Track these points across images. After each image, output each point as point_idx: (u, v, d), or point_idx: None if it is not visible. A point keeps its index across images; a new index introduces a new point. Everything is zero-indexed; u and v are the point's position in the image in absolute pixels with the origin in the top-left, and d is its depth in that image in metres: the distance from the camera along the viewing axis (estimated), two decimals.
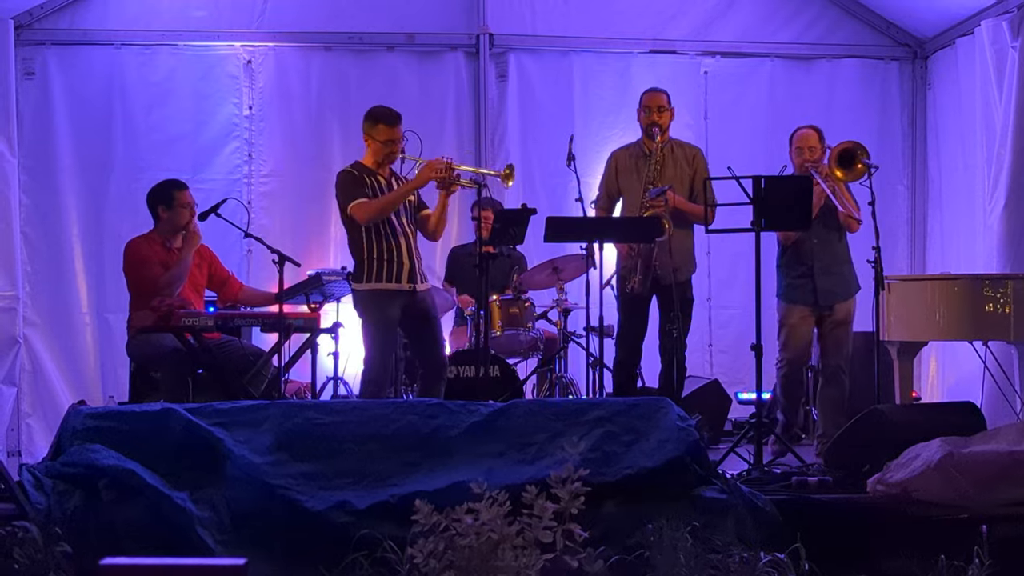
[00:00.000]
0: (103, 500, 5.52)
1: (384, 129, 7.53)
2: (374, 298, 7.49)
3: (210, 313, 7.77)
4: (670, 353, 8.01)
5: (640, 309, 8.09)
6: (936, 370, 10.17)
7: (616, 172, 8.24)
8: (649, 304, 8.12)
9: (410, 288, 7.49)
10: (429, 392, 7.53)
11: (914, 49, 10.79)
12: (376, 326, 7.50)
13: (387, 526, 5.36)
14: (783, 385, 8.18)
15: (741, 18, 10.72)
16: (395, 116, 7.56)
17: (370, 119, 7.57)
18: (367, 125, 7.56)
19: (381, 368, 7.51)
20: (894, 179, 10.65)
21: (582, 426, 6.05)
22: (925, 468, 5.99)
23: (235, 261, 9.31)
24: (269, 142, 10.28)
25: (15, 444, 9.65)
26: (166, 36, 10.17)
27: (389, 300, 7.48)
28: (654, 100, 8.16)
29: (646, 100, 8.19)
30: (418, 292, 7.55)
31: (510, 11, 10.53)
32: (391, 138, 7.53)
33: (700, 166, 8.14)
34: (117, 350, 9.37)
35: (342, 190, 7.53)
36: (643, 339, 8.22)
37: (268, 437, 5.86)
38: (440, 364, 7.66)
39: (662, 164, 8.03)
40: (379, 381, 7.50)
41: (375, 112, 7.59)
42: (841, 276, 8.19)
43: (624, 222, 8.20)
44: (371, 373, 7.48)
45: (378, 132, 7.53)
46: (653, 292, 8.03)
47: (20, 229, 9.70)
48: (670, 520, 5.29)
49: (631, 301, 8.04)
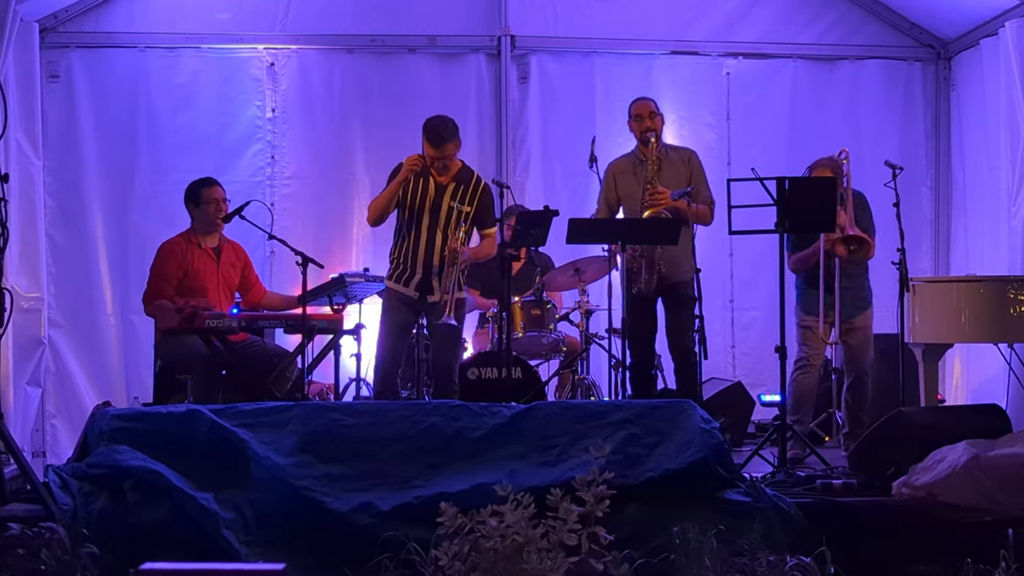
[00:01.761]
0: (129, 501, 5.56)
1: (428, 147, 7.67)
2: (386, 296, 7.75)
3: (234, 315, 7.80)
4: (681, 353, 8.04)
5: (645, 309, 8.12)
6: (961, 372, 10.12)
7: (615, 183, 8.30)
8: (655, 304, 8.14)
9: (416, 296, 7.51)
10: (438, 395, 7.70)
11: (937, 50, 10.75)
12: (384, 325, 7.71)
13: (411, 528, 5.39)
14: (793, 383, 8.15)
15: (763, 19, 10.69)
16: (437, 136, 7.65)
17: (423, 131, 7.73)
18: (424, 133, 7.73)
19: (386, 368, 7.62)
20: (918, 180, 10.60)
21: (605, 428, 6.07)
22: (951, 471, 5.97)
23: (258, 263, 9.29)
24: (292, 144, 10.30)
25: (40, 445, 9.68)
26: (190, 39, 10.19)
27: (399, 303, 7.60)
28: (644, 108, 8.22)
29: (636, 110, 8.26)
30: (429, 301, 7.61)
31: (532, 13, 10.51)
32: (433, 155, 7.66)
33: (696, 167, 8.18)
34: (141, 351, 9.40)
35: None
36: (653, 337, 8.24)
37: (292, 438, 5.89)
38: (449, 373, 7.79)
39: (659, 167, 8.05)
40: (384, 380, 7.62)
41: (426, 125, 7.73)
42: (860, 291, 8.24)
43: (646, 223, 8.19)
44: (378, 372, 7.67)
45: (425, 146, 7.70)
46: (658, 292, 8.06)
47: (45, 231, 9.73)
48: (695, 523, 5.29)
49: (637, 301, 8.05)
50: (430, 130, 7.66)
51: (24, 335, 9.23)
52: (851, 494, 6.27)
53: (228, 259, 8.27)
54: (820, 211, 7.34)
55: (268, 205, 9.22)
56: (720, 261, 10.08)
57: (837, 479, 6.46)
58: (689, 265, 8.06)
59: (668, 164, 8.16)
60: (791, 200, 7.20)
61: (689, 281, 8.08)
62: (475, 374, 8.49)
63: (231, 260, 8.30)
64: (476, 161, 10.29)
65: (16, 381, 9.01)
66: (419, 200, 7.67)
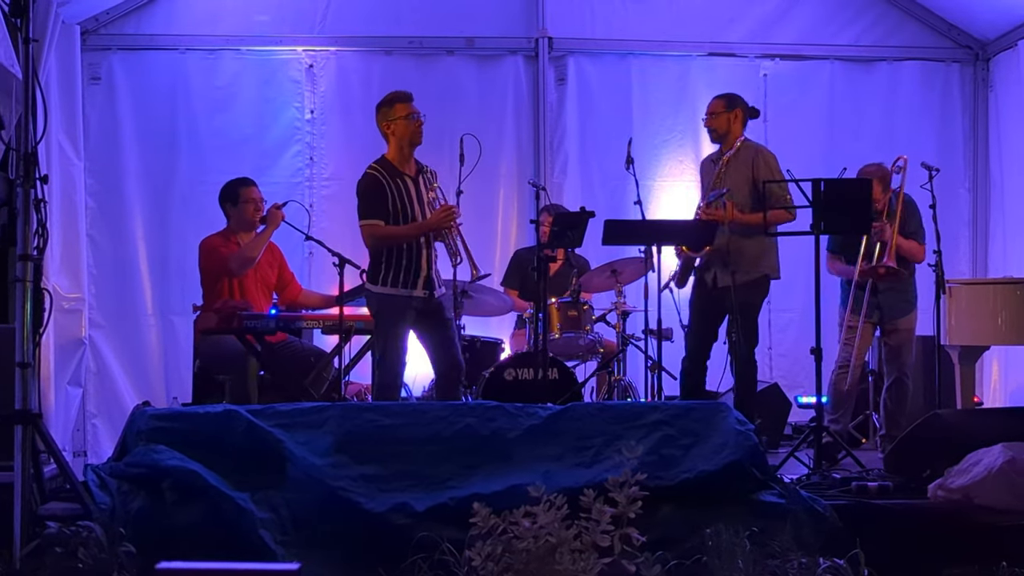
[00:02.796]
0: (166, 501, 5.60)
1: (402, 106, 7.53)
2: (388, 303, 7.47)
3: (272, 315, 7.86)
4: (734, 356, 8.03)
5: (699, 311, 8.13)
6: (998, 374, 10.07)
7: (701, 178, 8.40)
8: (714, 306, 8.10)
9: (425, 295, 7.53)
10: (447, 396, 7.54)
11: (975, 51, 10.69)
12: (388, 332, 7.49)
13: (445, 528, 5.41)
14: (833, 385, 8.15)
15: (800, 21, 10.66)
16: (406, 94, 7.57)
17: (384, 105, 7.57)
18: (383, 113, 7.56)
19: (393, 375, 7.51)
20: (955, 182, 10.54)
21: (640, 429, 6.08)
22: (987, 474, 5.96)
23: (296, 263, 9.36)
24: (330, 146, 10.34)
25: (81, 444, 9.76)
26: (230, 41, 10.25)
27: (403, 306, 7.46)
28: (709, 106, 8.20)
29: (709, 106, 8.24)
30: (434, 298, 7.58)
31: (569, 14, 10.52)
32: (412, 112, 7.53)
33: (759, 164, 8.06)
34: (181, 351, 9.47)
35: (362, 198, 7.53)
36: (705, 341, 8.18)
37: (328, 439, 5.93)
38: (458, 367, 7.64)
39: (725, 168, 8.05)
40: (393, 386, 7.52)
41: (387, 97, 7.60)
42: (905, 294, 8.23)
43: (679, 225, 8.23)
44: (385, 378, 7.48)
45: (397, 111, 7.52)
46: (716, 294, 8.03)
47: (86, 232, 9.81)
48: (728, 524, 5.30)
49: (693, 303, 8.14)
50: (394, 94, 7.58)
51: (65, 335, 9.31)
52: (886, 496, 6.25)
53: (265, 259, 8.34)
54: (856, 213, 7.33)
55: (306, 206, 9.27)
56: None
57: (872, 481, 6.45)
58: (753, 269, 8.00)
59: (735, 163, 8.08)
60: (827, 202, 7.20)
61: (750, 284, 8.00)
62: (511, 375, 8.50)
63: (268, 260, 8.38)
64: (514, 163, 10.38)
65: (57, 381, 9.08)
66: (406, 201, 7.52)
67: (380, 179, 7.47)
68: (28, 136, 5.44)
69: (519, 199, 10.37)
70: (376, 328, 7.57)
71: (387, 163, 7.56)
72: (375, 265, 7.51)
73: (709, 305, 8.08)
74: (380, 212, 7.44)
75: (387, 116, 7.53)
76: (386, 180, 7.47)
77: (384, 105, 7.56)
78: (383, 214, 7.44)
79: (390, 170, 7.51)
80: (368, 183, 7.50)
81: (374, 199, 7.46)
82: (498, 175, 10.31)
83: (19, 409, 5.31)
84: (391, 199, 7.44)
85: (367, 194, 7.49)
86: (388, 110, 7.53)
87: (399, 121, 7.51)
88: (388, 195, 7.44)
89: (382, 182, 7.46)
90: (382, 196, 7.44)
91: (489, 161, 8.49)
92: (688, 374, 8.16)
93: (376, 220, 7.43)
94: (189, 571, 3.10)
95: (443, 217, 7.46)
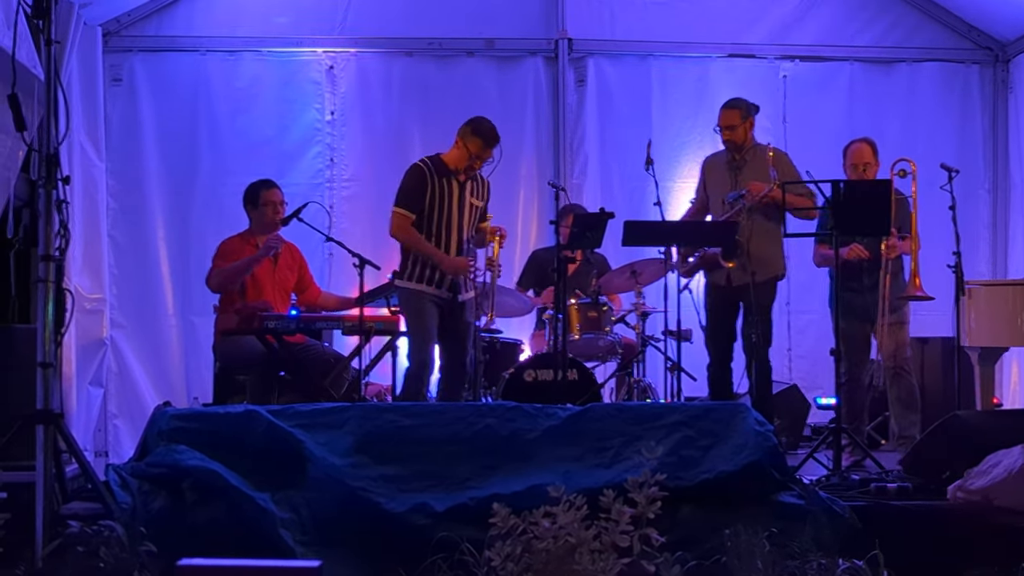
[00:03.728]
0: (187, 500, 5.62)
1: (478, 145, 7.67)
2: (415, 298, 7.65)
3: (292, 316, 7.89)
4: (750, 356, 8.04)
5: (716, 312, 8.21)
6: (1018, 376, 10.05)
7: (705, 178, 8.42)
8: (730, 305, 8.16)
9: (449, 296, 7.62)
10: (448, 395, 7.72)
11: (995, 52, 10.67)
12: (416, 327, 7.65)
13: (465, 528, 5.42)
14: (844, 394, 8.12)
15: (820, 22, 10.66)
16: (494, 138, 7.72)
17: (472, 128, 7.73)
18: (466, 130, 7.73)
19: (422, 367, 7.61)
20: (975, 183, 10.52)
21: (659, 430, 6.08)
22: (1007, 475, 5.95)
23: (317, 264, 9.40)
24: (351, 147, 10.37)
25: (102, 444, 9.79)
26: (250, 42, 10.29)
27: (429, 303, 7.62)
28: (723, 120, 8.26)
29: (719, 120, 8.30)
30: (459, 300, 7.68)
31: (589, 16, 10.54)
32: (479, 155, 7.68)
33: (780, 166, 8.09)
34: (202, 352, 9.51)
35: (402, 186, 7.74)
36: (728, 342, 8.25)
37: (349, 439, 5.95)
38: (463, 370, 7.81)
39: (741, 171, 8.11)
40: (420, 377, 7.63)
41: (480, 126, 7.74)
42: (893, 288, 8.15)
43: (699, 226, 8.25)
44: (413, 367, 7.61)
45: (472, 143, 7.68)
46: (731, 292, 8.07)
47: (108, 232, 9.86)
48: (747, 525, 5.30)
49: (709, 306, 8.20)
50: (487, 131, 7.70)
51: (87, 336, 9.38)
52: (905, 498, 6.25)
53: (285, 261, 8.38)
54: (874, 214, 7.32)
55: (327, 207, 9.28)
56: None
57: (891, 483, 6.45)
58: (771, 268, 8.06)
59: (750, 164, 8.17)
60: (845, 203, 7.19)
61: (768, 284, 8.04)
62: (531, 376, 8.51)
63: (288, 262, 8.41)
64: (534, 164, 10.39)
65: (79, 381, 9.15)
66: (447, 201, 7.70)
67: (425, 173, 7.66)
68: (50, 137, 5.47)
69: (539, 200, 10.39)
70: (406, 322, 7.74)
71: (440, 161, 7.74)
72: (404, 261, 7.71)
73: (725, 304, 8.14)
74: (414, 205, 7.63)
75: (464, 136, 7.72)
76: (431, 176, 7.64)
77: (471, 126, 7.75)
78: (417, 208, 7.62)
79: (439, 168, 7.69)
80: (412, 174, 7.72)
81: (412, 191, 7.66)
82: (518, 176, 10.32)
83: (41, 409, 5.34)
84: (429, 195, 7.61)
85: (407, 183, 7.70)
86: (468, 134, 7.72)
87: (464, 151, 7.70)
88: (428, 190, 7.61)
89: (426, 176, 7.64)
90: (421, 190, 7.62)
91: (509, 162, 8.48)
92: (717, 379, 8.20)
93: (407, 211, 7.62)
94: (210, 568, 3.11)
95: (459, 267, 7.68)
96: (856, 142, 8.27)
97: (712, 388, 8.27)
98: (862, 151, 8.16)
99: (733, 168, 8.20)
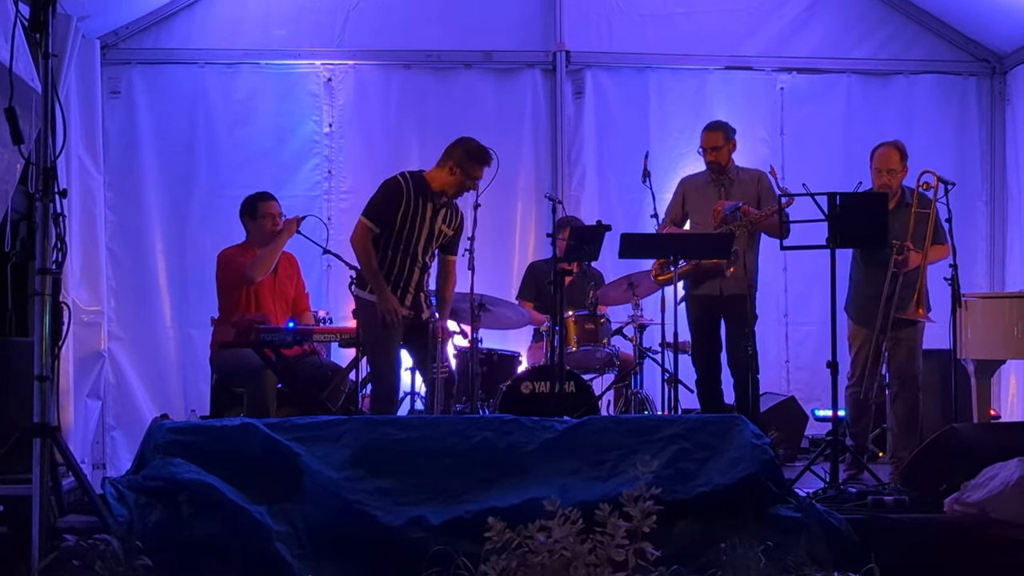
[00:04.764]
0: (183, 514, 5.61)
1: (477, 170, 7.61)
2: (375, 310, 7.46)
3: (290, 329, 7.90)
4: (740, 369, 8.09)
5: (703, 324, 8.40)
6: (1016, 388, 10.05)
7: (684, 197, 8.53)
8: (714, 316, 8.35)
9: (410, 315, 7.55)
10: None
11: (993, 64, 10.69)
12: (376, 341, 7.48)
13: (461, 542, 5.42)
14: (850, 405, 8.11)
15: (817, 34, 10.67)
16: (490, 157, 7.64)
17: (466, 152, 7.62)
18: (459, 156, 7.62)
19: (389, 387, 7.54)
20: (972, 195, 10.54)
21: (656, 443, 6.08)
22: (1004, 488, 5.95)
23: (315, 277, 9.41)
24: (349, 159, 10.36)
25: (100, 457, 9.79)
26: (248, 55, 10.29)
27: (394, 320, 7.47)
28: (708, 141, 8.43)
29: (703, 141, 8.46)
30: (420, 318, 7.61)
31: (586, 28, 10.55)
32: (479, 178, 7.63)
33: (765, 187, 8.29)
34: (199, 364, 9.50)
35: (376, 196, 7.64)
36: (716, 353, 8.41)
37: (345, 452, 5.94)
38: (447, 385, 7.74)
39: (727, 190, 8.30)
40: (390, 399, 7.55)
41: (475, 150, 7.63)
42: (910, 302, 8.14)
43: (697, 238, 8.29)
44: (381, 391, 7.50)
45: (470, 169, 7.59)
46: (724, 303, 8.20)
47: (106, 245, 9.87)
48: (743, 539, 5.30)
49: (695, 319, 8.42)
50: (482, 153, 7.62)
51: (84, 348, 9.39)
52: (902, 511, 6.25)
53: (284, 271, 8.41)
54: (872, 226, 7.33)
55: (324, 220, 9.28)
56: (774, 276, 10.04)
57: (888, 495, 6.45)
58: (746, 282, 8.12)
59: (739, 184, 8.38)
60: (843, 215, 7.20)
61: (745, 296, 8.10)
62: (528, 388, 8.50)
63: (287, 272, 8.45)
64: (532, 176, 10.40)
65: (76, 394, 9.15)
66: (418, 221, 7.58)
67: (403, 190, 7.53)
68: (47, 150, 5.46)
69: (537, 212, 10.39)
70: (365, 338, 7.55)
71: (421, 179, 7.62)
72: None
73: (710, 317, 8.24)
74: (383, 219, 7.51)
75: (460, 161, 7.59)
76: (408, 193, 7.52)
77: (464, 150, 7.62)
78: (385, 223, 7.50)
79: (419, 186, 7.57)
80: (390, 188, 7.59)
81: (384, 205, 7.54)
82: (516, 188, 10.34)
83: (38, 422, 5.33)
84: (402, 212, 7.49)
85: (381, 196, 7.59)
86: (464, 159, 7.59)
87: (461, 177, 7.60)
88: (401, 207, 7.48)
89: (403, 193, 7.51)
90: (394, 206, 7.50)
91: (507, 174, 8.50)
92: (709, 393, 8.26)
93: (373, 224, 7.51)
94: None
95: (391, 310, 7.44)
96: (883, 145, 8.17)
97: (704, 403, 8.31)
98: (888, 156, 8.07)
99: (719, 187, 8.35)
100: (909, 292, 7.83)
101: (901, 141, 8.22)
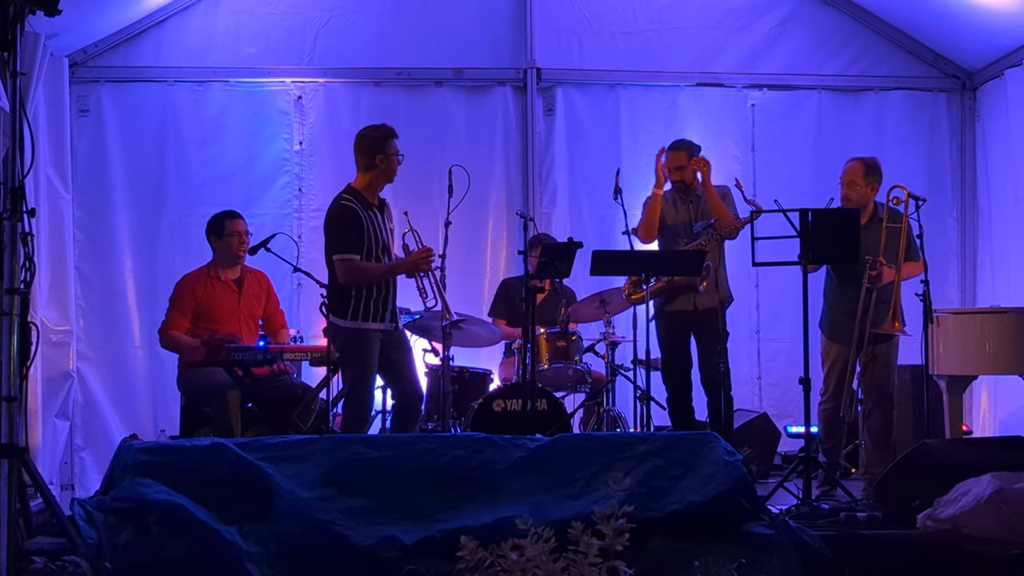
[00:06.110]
0: (153, 534, 5.55)
1: (392, 142, 7.45)
2: (358, 337, 7.35)
3: (260, 347, 7.86)
4: (713, 385, 8.09)
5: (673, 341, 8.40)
6: (988, 404, 10.08)
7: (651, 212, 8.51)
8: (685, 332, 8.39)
9: (391, 328, 7.48)
10: (405, 427, 7.47)
11: (962, 80, 10.75)
12: (359, 367, 7.39)
13: (434, 561, 5.38)
14: (823, 421, 8.09)
15: (788, 51, 10.71)
16: (391, 127, 7.51)
17: (380, 136, 7.45)
18: (376, 144, 7.43)
19: (365, 408, 7.46)
20: (943, 211, 10.59)
21: (629, 461, 6.04)
22: (976, 503, 5.96)
23: (285, 295, 9.37)
24: (319, 177, 10.33)
25: (68, 477, 9.73)
26: (218, 73, 10.27)
27: (372, 339, 7.37)
28: (673, 161, 8.48)
29: (668, 160, 8.48)
30: (397, 329, 7.55)
31: (557, 45, 10.56)
32: (396, 152, 7.48)
33: (731, 201, 8.40)
34: (169, 384, 9.43)
35: (337, 230, 7.38)
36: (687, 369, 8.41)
37: (316, 472, 5.89)
38: (417, 394, 7.62)
39: (696, 206, 8.42)
40: (365, 419, 7.46)
41: (375, 131, 7.48)
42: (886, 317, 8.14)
43: (669, 255, 8.29)
44: (356, 411, 7.40)
45: (391, 147, 7.44)
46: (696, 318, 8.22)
47: (74, 264, 9.82)
48: (717, 556, 5.28)
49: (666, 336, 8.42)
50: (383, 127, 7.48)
51: (53, 368, 9.32)
52: (875, 527, 6.26)
53: (251, 289, 8.38)
54: (843, 242, 7.35)
55: (295, 238, 9.27)
56: (746, 292, 10.05)
57: (862, 512, 6.46)
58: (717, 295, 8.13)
59: (706, 201, 8.40)
60: (814, 231, 7.22)
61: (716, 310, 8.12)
62: (500, 406, 8.47)
63: (254, 291, 8.41)
64: (503, 193, 10.40)
65: (45, 414, 9.08)
66: (378, 232, 7.44)
67: (356, 210, 7.36)
68: (15, 169, 5.42)
69: (508, 229, 10.38)
70: (344, 362, 7.44)
71: (359, 194, 7.45)
72: (342, 298, 7.36)
73: (680, 333, 8.24)
74: (357, 246, 7.32)
75: (382, 149, 7.40)
76: (361, 212, 7.38)
77: (379, 138, 7.43)
78: (360, 247, 7.33)
79: (363, 201, 7.42)
80: (344, 215, 7.36)
81: (351, 232, 7.33)
82: (487, 205, 10.33)
83: (5, 443, 5.28)
84: (366, 231, 7.36)
85: (343, 227, 7.35)
86: (384, 144, 7.41)
87: (392, 157, 7.44)
88: (364, 227, 7.35)
89: (357, 213, 7.36)
90: (358, 229, 7.33)
91: (478, 192, 8.51)
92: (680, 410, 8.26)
93: (352, 255, 7.31)
94: None
95: (421, 259, 7.44)
96: (851, 160, 8.21)
97: (676, 420, 8.30)
98: (851, 169, 8.12)
99: (687, 205, 8.42)
100: (884, 307, 7.82)
101: (876, 158, 8.21)
